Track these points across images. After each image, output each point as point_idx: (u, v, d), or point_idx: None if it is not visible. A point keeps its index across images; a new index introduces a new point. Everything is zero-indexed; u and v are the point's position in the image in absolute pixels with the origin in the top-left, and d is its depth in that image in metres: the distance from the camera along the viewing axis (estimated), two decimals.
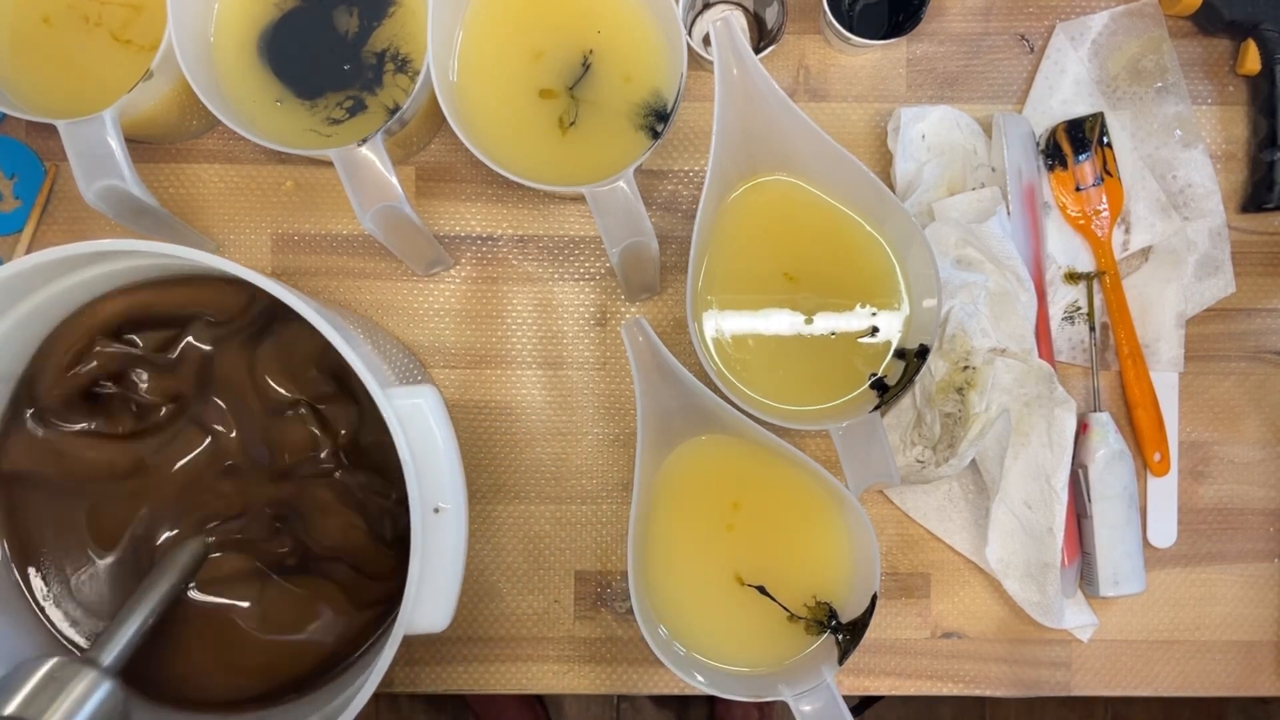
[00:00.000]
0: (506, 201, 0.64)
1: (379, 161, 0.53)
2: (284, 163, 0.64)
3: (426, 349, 0.64)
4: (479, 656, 0.63)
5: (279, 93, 0.57)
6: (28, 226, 0.63)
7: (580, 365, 0.64)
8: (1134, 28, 0.64)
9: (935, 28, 0.65)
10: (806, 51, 0.64)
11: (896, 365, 0.57)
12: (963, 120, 0.62)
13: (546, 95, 0.57)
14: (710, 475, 0.59)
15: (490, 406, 0.64)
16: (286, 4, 0.58)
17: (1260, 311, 0.65)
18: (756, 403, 0.57)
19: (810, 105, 0.64)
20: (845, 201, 0.58)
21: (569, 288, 0.64)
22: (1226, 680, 0.64)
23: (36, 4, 0.58)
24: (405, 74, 0.57)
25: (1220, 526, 0.65)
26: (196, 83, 0.53)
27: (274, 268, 0.64)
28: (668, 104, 0.56)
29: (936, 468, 0.59)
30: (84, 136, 0.52)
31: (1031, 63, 0.65)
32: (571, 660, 0.63)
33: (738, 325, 0.58)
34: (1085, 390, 0.64)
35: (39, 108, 0.56)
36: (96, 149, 0.52)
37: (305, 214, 0.64)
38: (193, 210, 0.63)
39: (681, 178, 0.64)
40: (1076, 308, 0.63)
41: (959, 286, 0.59)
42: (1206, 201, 0.64)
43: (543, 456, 0.64)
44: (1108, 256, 0.63)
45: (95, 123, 0.52)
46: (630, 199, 0.52)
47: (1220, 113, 0.65)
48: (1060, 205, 0.63)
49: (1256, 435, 0.65)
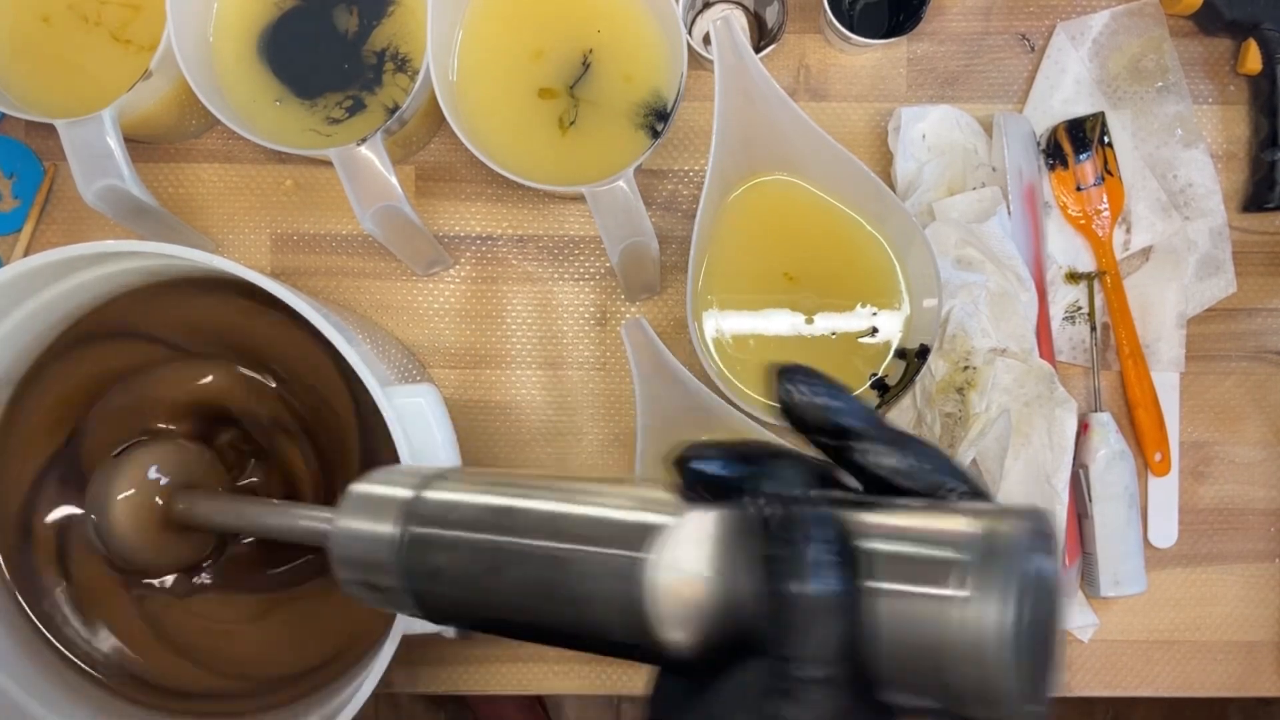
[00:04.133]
0: (506, 201, 0.64)
1: (378, 161, 0.53)
2: (283, 162, 0.63)
3: (426, 349, 0.64)
4: (478, 657, 0.63)
5: (278, 92, 0.57)
6: (26, 226, 0.63)
7: (580, 365, 0.64)
8: (1135, 27, 0.64)
9: (936, 27, 0.64)
10: (807, 51, 0.64)
11: (897, 365, 0.56)
12: (963, 120, 0.62)
13: (546, 95, 0.57)
14: None
15: (490, 406, 0.64)
16: (286, 3, 0.58)
17: (1261, 311, 0.65)
18: (756, 403, 0.56)
19: (810, 105, 0.64)
20: (845, 201, 0.58)
21: (569, 288, 0.64)
22: (1227, 680, 0.64)
23: (36, 4, 0.57)
24: (405, 73, 0.57)
25: (1221, 527, 0.64)
26: (196, 82, 0.53)
27: (273, 267, 0.64)
28: (668, 104, 0.56)
29: None
30: (83, 136, 0.52)
31: (1032, 62, 0.65)
32: (571, 660, 0.63)
33: (738, 325, 0.58)
34: (1086, 390, 0.63)
35: (38, 107, 0.56)
36: (96, 149, 0.52)
37: (305, 214, 0.64)
38: (192, 210, 0.63)
39: (681, 178, 0.64)
40: (1077, 308, 0.63)
41: (959, 286, 0.59)
42: (1207, 201, 0.64)
43: (543, 456, 0.63)
44: (1108, 256, 0.63)
45: (94, 122, 0.52)
46: (630, 199, 0.52)
47: (1221, 112, 0.65)
48: (1061, 205, 0.63)
49: (1257, 435, 0.65)
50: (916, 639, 0.24)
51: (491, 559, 0.32)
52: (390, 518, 0.34)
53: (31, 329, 0.53)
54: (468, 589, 0.33)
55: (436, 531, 0.34)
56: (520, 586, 0.32)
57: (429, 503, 0.34)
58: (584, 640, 0.32)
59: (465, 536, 0.33)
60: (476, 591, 0.33)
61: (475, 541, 0.33)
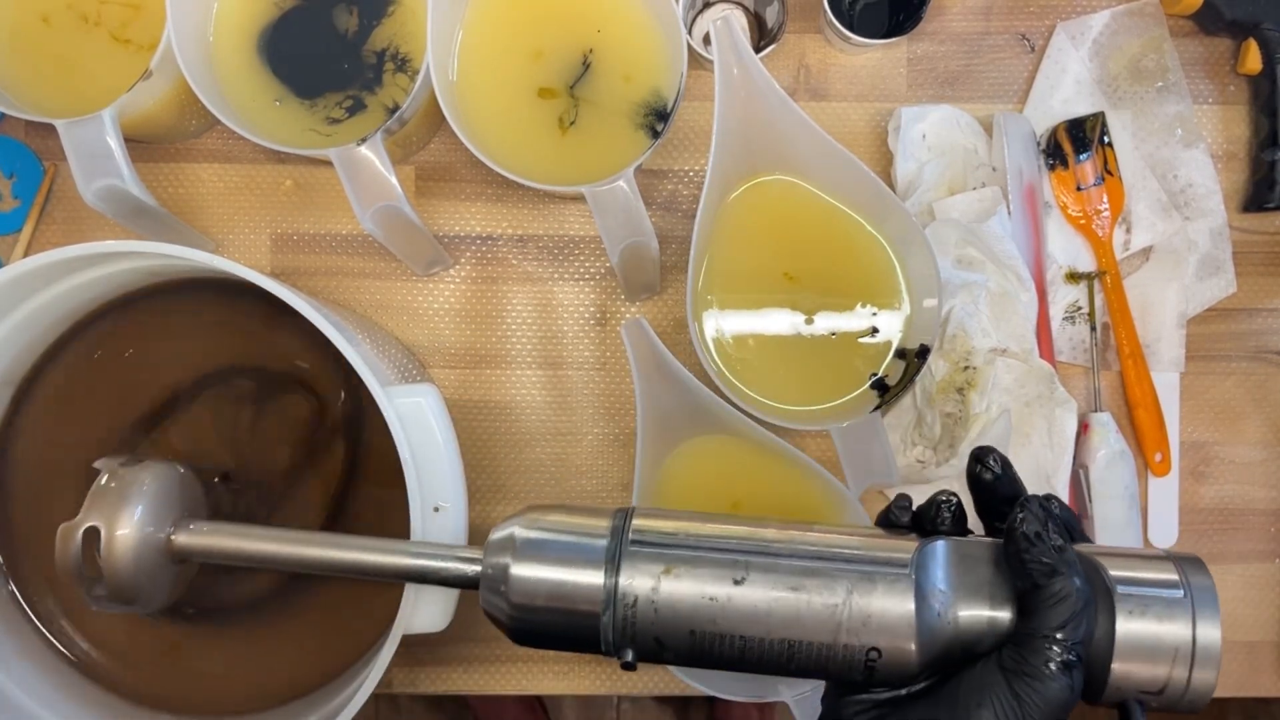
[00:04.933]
0: (506, 201, 0.64)
1: (378, 161, 0.53)
2: (283, 162, 0.63)
3: (426, 349, 0.64)
4: (478, 657, 0.63)
5: (278, 92, 0.57)
6: (26, 226, 0.63)
7: (580, 365, 0.64)
8: (1135, 27, 0.64)
9: (936, 27, 0.64)
10: (807, 51, 0.64)
11: (897, 365, 0.56)
12: (963, 120, 0.62)
13: (546, 94, 0.57)
14: (710, 475, 0.59)
15: (490, 406, 0.64)
16: (286, 3, 0.58)
17: (1261, 311, 0.65)
18: (756, 403, 0.56)
19: (810, 105, 0.64)
20: (846, 201, 0.58)
21: (569, 288, 0.64)
22: (1227, 680, 0.64)
23: (36, 3, 0.57)
24: (405, 73, 0.57)
25: (1221, 527, 0.64)
26: (195, 82, 0.53)
27: (273, 267, 0.64)
28: (668, 103, 0.56)
29: (937, 468, 0.59)
30: (83, 136, 0.52)
31: (1032, 62, 0.65)
32: (571, 660, 0.63)
33: (738, 325, 0.57)
34: (1086, 390, 0.63)
35: (38, 107, 0.56)
36: (95, 148, 0.52)
37: (304, 214, 0.63)
38: (192, 210, 0.63)
39: (681, 178, 0.64)
40: (1077, 308, 0.63)
41: (959, 286, 0.59)
42: (1207, 201, 0.64)
43: (543, 457, 0.63)
44: (1108, 256, 0.63)
45: (94, 122, 0.52)
46: (630, 199, 0.52)
47: (1221, 112, 0.65)
48: (1061, 205, 0.63)
49: (1257, 435, 0.65)
50: (1140, 639, 0.33)
51: (717, 641, 0.36)
52: (599, 567, 0.36)
53: (32, 329, 0.53)
54: (692, 654, 0.36)
55: (667, 600, 0.36)
56: (757, 649, 0.36)
57: (645, 554, 0.36)
58: (794, 670, 0.36)
59: (698, 607, 0.36)
60: (701, 653, 0.36)
61: (708, 616, 0.35)
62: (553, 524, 0.38)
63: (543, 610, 0.37)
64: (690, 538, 0.37)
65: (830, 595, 0.35)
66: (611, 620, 0.36)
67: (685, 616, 0.35)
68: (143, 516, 0.43)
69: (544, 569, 0.37)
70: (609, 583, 0.36)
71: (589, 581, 0.36)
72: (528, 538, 0.37)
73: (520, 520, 0.38)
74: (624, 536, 0.37)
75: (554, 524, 0.38)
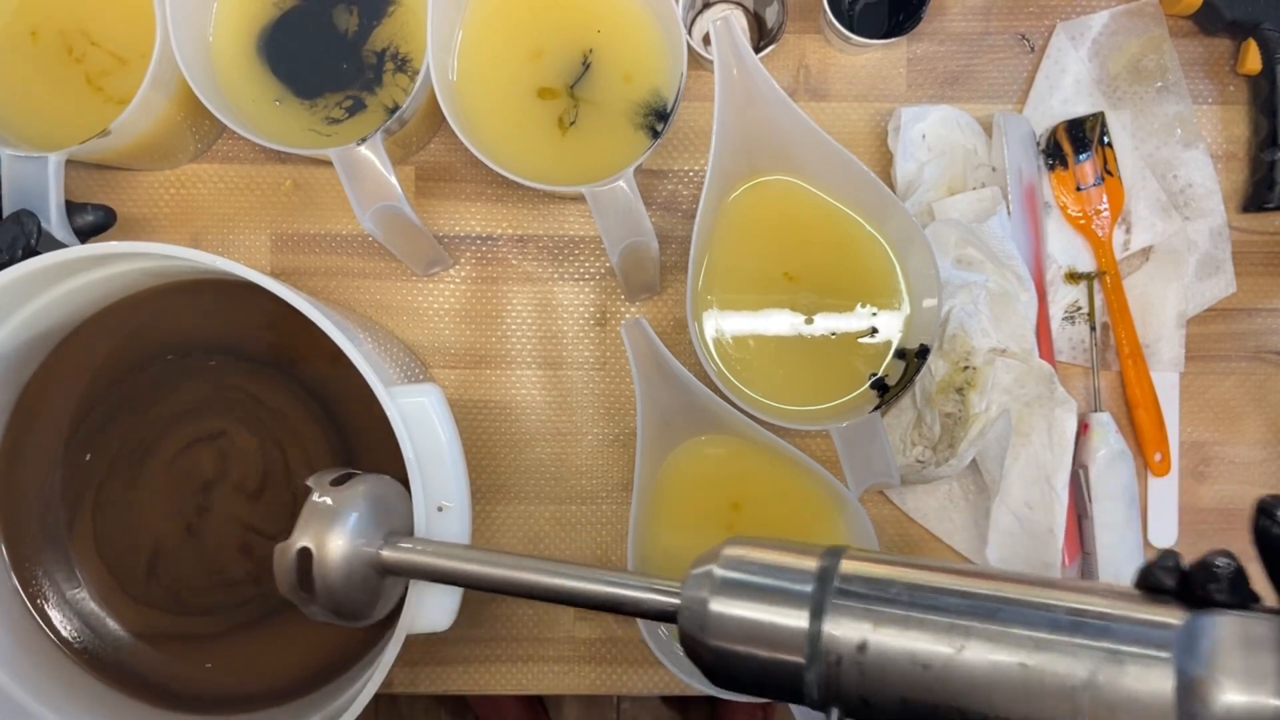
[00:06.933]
0: (506, 201, 0.64)
1: (378, 161, 0.53)
2: (283, 162, 0.63)
3: (426, 349, 0.64)
4: (479, 657, 0.63)
5: (278, 92, 0.57)
6: None
7: (580, 365, 0.64)
8: (1135, 27, 0.64)
9: (935, 27, 0.64)
10: (806, 51, 0.64)
11: (897, 365, 0.57)
12: (963, 120, 0.62)
13: (546, 94, 0.57)
14: (710, 475, 0.59)
15: (490, 406, 0.64)
16: (286, 3, 0.58)
17: (1261, 311, 0.65)
18: (756, 403, 0.57)
19: (810, 105, 0.64)
20: (845, 201, 0.58)
21: (569, 288, 0.64)
22: None
23: (31, 15, 0.57)
24: (405, 73, 0.57)
25: (1221, 527, 0.64)
26: (195, 82, 0.53)
27: (273, 268, 0.64)
28: (668, 103, 0.56)
29: (936, 468, 0.59)
30: (23, 171, 0.52)
31: (1032, 62, 0.65)
32: (571, 660, 0.63)
33: (738, 325, 0.58)
34: (1086, 390, 0.63)
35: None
36: (32, 188, 0.52)
37: (305, 214, 0.63)
38: (191, 210, 0.63)
39: (681, 178, 0.64)
40: (1077, 308, 0.63)
41: (959, 286, 0.59)
42: (1207, 201, 0.64)
43: (542, 457, 0.64)
44: (1108, 256, 0.63)
45: (39, 163, 0.52)
46: (630, 199, 0.52)
47: (1221, 112, 0.65)
48: (1061, 205, 0.63)
49: (1257, 435, 0.65)
50: None
51: (931, 713, 0.32)
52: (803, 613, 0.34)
53: (33, 330, 0.53)
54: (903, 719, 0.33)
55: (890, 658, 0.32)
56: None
57: (852, 608, 0.33)
58: None
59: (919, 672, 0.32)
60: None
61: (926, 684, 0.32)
62: (755, 560, 0.36)
63: (741, 655, 0.35)
64: (905, 589, 0.33)
65: (1067, 675, 0.30)
66: (815, 675, 0.33)
67: (895, 682, 0.32)
68: (353, 536, 0.43)
69: (743, 608, 0.35)
70: (813, 631, 0.33)
71: (791, 627, 0.34)
72: (726, 577, 0.35)
73: (720, 557, 0.36)
74: (830, 584, 0.34)
75: (756, 561, 0.36)
